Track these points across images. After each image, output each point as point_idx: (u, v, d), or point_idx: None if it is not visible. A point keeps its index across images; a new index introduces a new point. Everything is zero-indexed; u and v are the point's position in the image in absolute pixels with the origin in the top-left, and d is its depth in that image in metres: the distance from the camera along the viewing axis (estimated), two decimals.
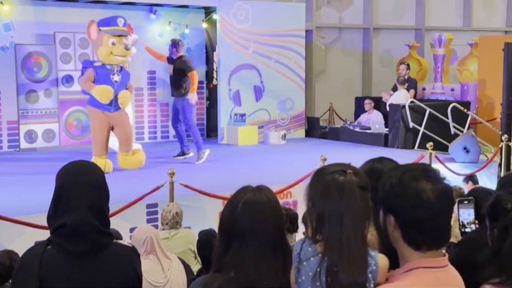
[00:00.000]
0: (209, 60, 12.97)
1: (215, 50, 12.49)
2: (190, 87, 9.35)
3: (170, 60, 9.76)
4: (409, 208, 1.88)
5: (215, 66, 12.74)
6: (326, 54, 14.59)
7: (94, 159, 8.00)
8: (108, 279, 2.35)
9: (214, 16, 11.86)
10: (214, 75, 12.90)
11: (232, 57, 11.48)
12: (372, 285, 1.95)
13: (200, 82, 12.35)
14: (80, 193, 2.38)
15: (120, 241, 2.49)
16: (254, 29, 11.77)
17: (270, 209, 2.08)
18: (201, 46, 12.43)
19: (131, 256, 2.45)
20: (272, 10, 12.04)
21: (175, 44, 9.67)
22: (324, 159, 7.38)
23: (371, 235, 2.12)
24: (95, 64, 8.43)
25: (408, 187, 1.89)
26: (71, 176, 2.44)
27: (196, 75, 9.47)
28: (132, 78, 11.36)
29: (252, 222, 2.05)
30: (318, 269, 1.94)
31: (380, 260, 1.98)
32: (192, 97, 9.28)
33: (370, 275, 1.94)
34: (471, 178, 8.05)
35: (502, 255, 2.14)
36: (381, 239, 2.04)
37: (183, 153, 9.67)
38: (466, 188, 7.57)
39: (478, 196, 2.92)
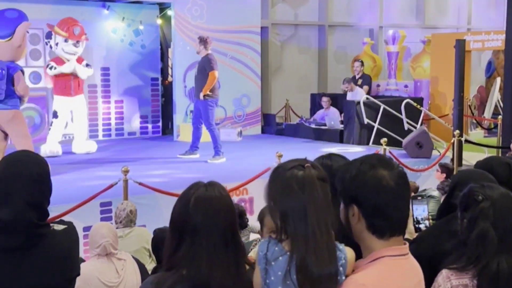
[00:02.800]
0: (164, 57, 12.86)
1: (170, 47, 12.38)
2: (205, 85, 8.95)
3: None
4: (371, 195, 1.94)
5: (170, 62, 12.65)
6: (282, 51, 14.61)
7: None
8: (43, 273, 2.28)
9: (169, 12, 11.75)
10: (169, 71, 12.80)
11: (187, 53, 11.38)
12: (343, 278, 1.95)
13: (155, 79, 12.26)
14: (19, 187, 2.27)
15: (56, 226, 2.37)
16: (209, 25, 11.70)
17: (222, 204, 2.05)
18: (156, 42, 12.30)
19: (68, 241, 2.38)
20: (228, 6, 11.99)
21: (202, 41, 9.14)
22: (280, 156, 7.37)
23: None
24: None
25: (368, 175, 1.96)
26: (11, 167, 2.33)
27: (215, 75, 8.94)
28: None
29: (204, 217, 2.01)
30: (288, 268, 1.93)
31: (348, 252, 2.00)
32: (200, 94, 8.95)
33: (341, 269, 1.95)
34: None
35: (469, 243, 2.27)
36: (341, 231, 2.05)
37: (189, 153, 9.36)
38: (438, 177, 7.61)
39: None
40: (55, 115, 9.66)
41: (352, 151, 10.01)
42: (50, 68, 9.60)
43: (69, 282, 2.41)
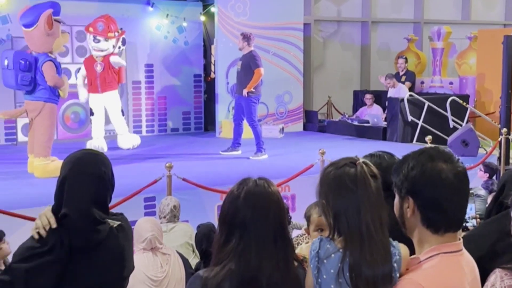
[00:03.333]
0: (207, 54, 12.94)
1: (213, 44, 12.45)
2: (250, 82, 8.91)
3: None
4: (429, 188, 1.88)
5: (213, 59, 12.72)
6: (324, 47, 14.53)
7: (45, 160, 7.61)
8: (104, 272, 2.34)
9: (212, 9, 11.80)
10: (212, 68, 12.88)
11: (230, 50, 11.42)
12: (397, 275, 1.93)
13: (198, 76, 12.35)
14: (87, 185, 2.32)
15: (111, 222, 2.40)
16: (252, 22, 11.71)
17: (272, 200, 2.05)
18: (199, 39, 12.38)
19: (125, 239, 2.43)
20: (270, 3, 11.97)
21: (246, 37, 9.12)
22: (323, 153, 7.35)
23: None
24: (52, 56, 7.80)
25: (426, 167, 1.90)
26: (79, 166, 2.37)
27: (261, 72, 8.94)
28: (130, 71, 11.39)
29: (254, 212, 2.01)
30: (340, 265, 1.92)
31: (402, 249, 1.97)
32: (244, 91, 8.91)
33: (395, 265, 1.93)
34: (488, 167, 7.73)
35: None
36: (392, 227, 2.02)
37: (231, 149, 9.38)
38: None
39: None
40: (91, 112, 9.82)
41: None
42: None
43: (125, 279, 2.45)
